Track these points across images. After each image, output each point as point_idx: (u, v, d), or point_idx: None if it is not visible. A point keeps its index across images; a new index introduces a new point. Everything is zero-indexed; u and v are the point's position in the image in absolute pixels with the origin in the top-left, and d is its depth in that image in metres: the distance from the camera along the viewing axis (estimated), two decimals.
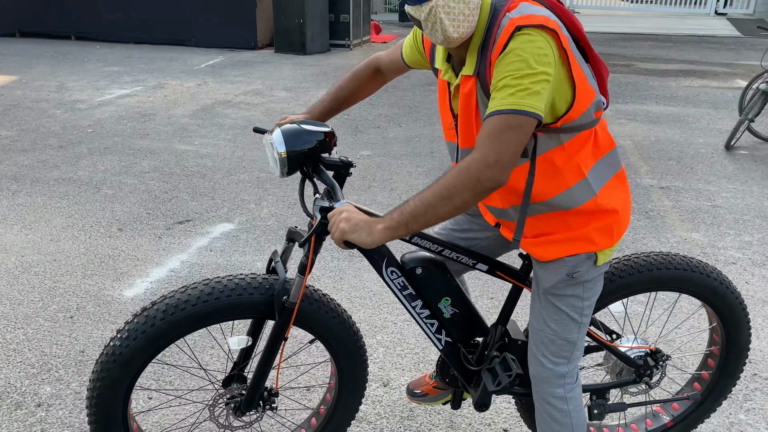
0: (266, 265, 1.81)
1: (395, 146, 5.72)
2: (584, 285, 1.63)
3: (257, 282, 1.70)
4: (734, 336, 1.99)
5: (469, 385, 1.91)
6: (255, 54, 10.96)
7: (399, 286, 1.74)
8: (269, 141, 1.64)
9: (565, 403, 1.75)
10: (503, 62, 1.35)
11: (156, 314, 1.64)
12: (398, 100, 7.56)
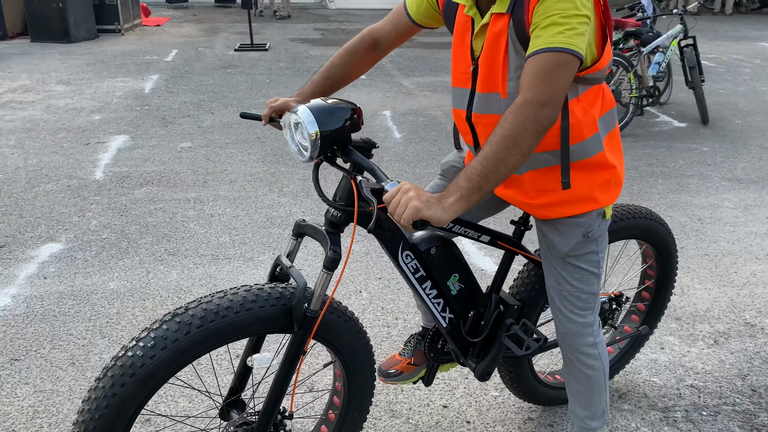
0: (270, 271, 1.63)
1: (216, 135, 5.34)
2: (597, 240, 1.69)
3: (276, 292, 1.51)
4: (667, 268, 2.26)
5: (465, 358, 1.90)
6: (7, 45, 9.42)
7: (413, 269, 1.67)
8: (292, 121, 1.45)
9: (596, 348, 1.82)
10: (549, 1, 1.32)
11: (190, 326, 1.40)
12: (199, 86, 7.07)
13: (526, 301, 1.94)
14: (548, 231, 1.70)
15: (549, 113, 1.33)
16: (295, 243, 1.63)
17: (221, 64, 8.37)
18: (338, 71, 1.74)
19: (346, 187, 1.53)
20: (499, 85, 1.50)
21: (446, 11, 1.62)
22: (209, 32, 11.19)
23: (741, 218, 3.98)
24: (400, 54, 9.38)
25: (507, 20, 1.43)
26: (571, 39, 1.32)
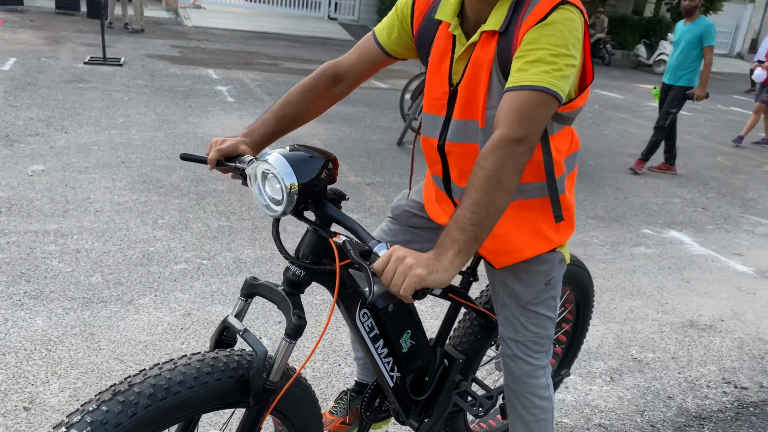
0: (214, 336, 1.42)
1: (72, 157, 4.77)
2: (555, 286, 1.67)
3: (232, 360, 1.31)
4: (585, 311, 2.32)
5: (407, 417, 1.77)
6: None
7: (368, 328, 1.55)
8: (260, 170, 1.28)
9: (548, 390, 1.78)
10: (543, 31, 1.28)
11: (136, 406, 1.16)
12: (46, 101, 6.34)
13: (469, 353, 1.87)
14: (510, 280, 1.66)
15: (525, 150, 1.28)
16: (244, 304, 1.44)
17: (70, 77, 7.60)
18: (293, 110, 1.57)
19: (311, 243, 1.38)
20: (478, 113, 1.43)
21: (422, 34, 1.52)
22: (52, 41, 10.17)
23: (610, 255, 4.28)
24: (268, 78, 9.17)
25: (497, 40, 1.37)
26: (557, 81, 1.28)
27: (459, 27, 1.44)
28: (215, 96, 7.61)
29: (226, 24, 15.43)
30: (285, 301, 1.37)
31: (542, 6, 1.30)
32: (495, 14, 1.37)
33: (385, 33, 1.58)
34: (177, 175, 4.67)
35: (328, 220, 1.36)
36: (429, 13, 1.50)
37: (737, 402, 2.80)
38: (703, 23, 6.11)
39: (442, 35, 1.47)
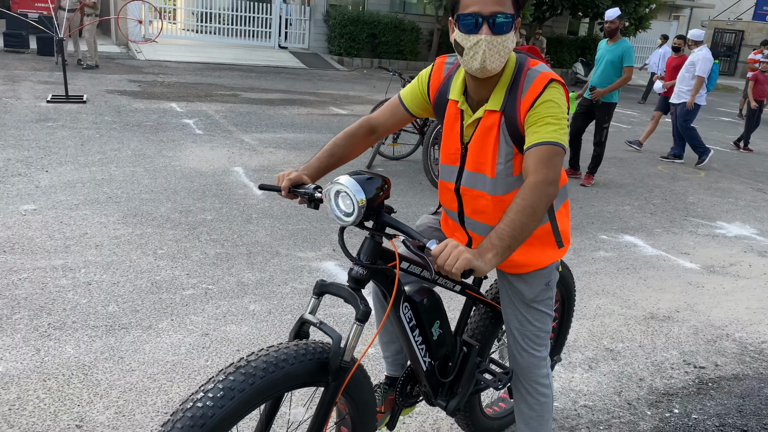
0: (293, 330, 1.73)
1: (60, 195, 4.93)
2: (552, 288, 2.06)
3: (317, 346, 1.64)
4: (569, 305, 2.67)
5: (435, 398, 2.12)
6: None
7: (408, 319, 1.89)
8: (333, 190, 1.63)
9: (548, 378, 2.14)
10: (543, 106, 1.70)
11: (254, 377, 1.48)
12: (19, 141, 6.44)
13: (482, 339, 2.23)
14: (516, 281, 2.03)
15: (554, 190, 1.67)
16: (316, 301, 1.75)
17: (36, 117, 7.67)
18: (340, 151, 1.98)
19: (370, 248, 1.72)
20: (487, 168, 1.83)
21: (437, 103, 1.94)
22: (8, 80, 10.16)
23: (574, 260, 4.71)
24: (231, 110, 9.40)
25: (499, 116, 1.78)
26: (562, 136, 1.70)
27: (465, 102, 1.85)
28: (184, 129, 7.81)
29: (179, 56, 15.57)
30: (352, 295, 1.69)
31: (536, 87, 1.72)
32: (494, 97, 1.77)
33: (409, 98, 2.00)
34: (165, 208, 4.89)
35: (383, 227, 1.69)
36: (441, 89, 1.92)
37: (698, 379, 3.22)
38: (623, 45, 6.70)
39: (452, 107, 1.89)
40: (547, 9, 19.20)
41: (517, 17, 1.72)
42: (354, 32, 17.99)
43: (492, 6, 1.67)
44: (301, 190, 1.80)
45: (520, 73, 1.77)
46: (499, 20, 1.66)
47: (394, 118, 2.03)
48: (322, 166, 1.94)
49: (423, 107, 2.00)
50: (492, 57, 1.69)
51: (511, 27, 1.70)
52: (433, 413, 2.71)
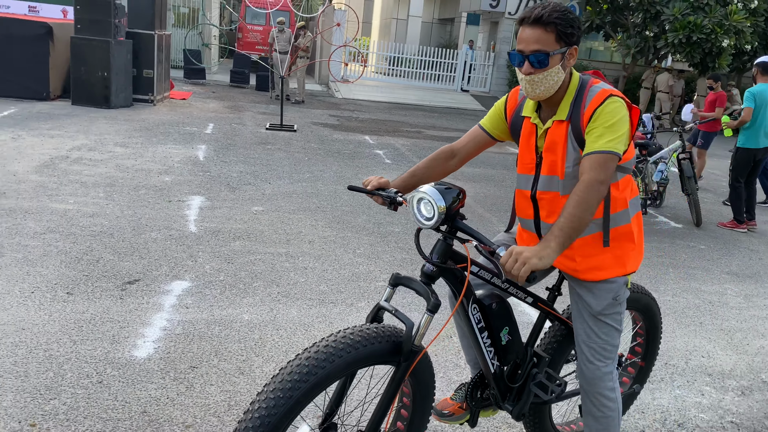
0: (371, 314, 1.96)
1: (281, 202, 6.01)
2: (621, 303, 2.19)
3: (391, 330, 1.88)
4: (654, 335, 2.76)
5: (503, 401, 2.28)
6: (51, 106, 10.09)
7: (477, 320, 2.07)
8: (417, 197, 1.87)
9: (614, 392, 2.24)
10: (602, 116, 1.93)
11: (351, 346, 1.75)
12: (247, 158, 7.78)
13: (553, 354, 2.37)
14: (585, 294, 2.17)
15: (604, 189, 1.89)
16: (391, 291, 1.97)
17: (258, 140, 9.14)
18: (421, 172, 2.26)
19: (441, 249, 1.93)
20: (558, 170, 2.06)
21: (514, 123, 2.21)
22: (234, 110, 12.05)
23: (744, 304, 4.76)
24: (415, 144, 10.30)
25: (566, 125, 2.02)
26: (617, 145, 1.92)
27: (537, 118, 2.10)
28: (375, 158, 8.82)
29: (371, 96, 17.12)
30: (423, 288, 1.90)
31: (596, 100, 1.96)
32: (561, 109, 2.03)
33: (488, 123, 2.26)
34: (361, 219, 5.75)
35: (456, 232, 1.90)
36: (516, 110, 2.19)
37: None
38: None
39: (527, 123, 2.14)
40: (748, 60, 18.18)
41: (568, 47, 1.95)
42: None
43: (533, 45, 1.93)
44: (383, 192, 2.06)
45: (583, 89, 2.02)
46: (536, 57, 1.92)
47: (474, 142, 2.27)
48: (404, 184, 2.21)
49: (501, 129, 2.24)
50: (534, 88, 1.97)
51: (549, 63, 1.93)
52: None
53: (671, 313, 4.41)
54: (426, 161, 2.28)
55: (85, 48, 10.08)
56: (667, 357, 3.72)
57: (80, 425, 2.49)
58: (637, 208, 2.21)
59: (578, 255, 2.13)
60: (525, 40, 1.95)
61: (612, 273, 2.14)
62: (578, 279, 2.17)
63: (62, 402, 2.62)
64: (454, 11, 25.91)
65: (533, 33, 1.93)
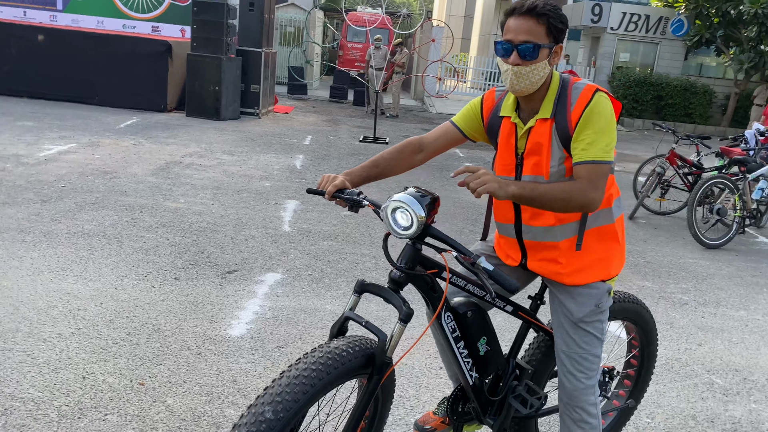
0: (336, 325, 1.85)
1: (368, 209, 6.31)
2: (603, 312, 2.09)
3: (364, 343, 1.79)
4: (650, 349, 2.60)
5: (484, 415, 2.16)
6: (168, 117, 11.02)
7: (451, 329, 1.96)
8: (392, 206, 1.76)
9: (596, 407, 2.13)
10: (593, 116, 1.85)
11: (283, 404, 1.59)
12: (340, 168, 8.18)
13: (537, 366, 2.26)
14: (566, 300, 2.07)
15: (596, 204, 1.85)
16: (357, 299, 1.87)
17: (352, 151, 9.56)
18: (384, 163, 2.09)
19: (408, 254, 1.82)
20: (543, 170, 1.95)
21: (491, 124, 2.07)
22: (331, 123, 12.62)
23: None
24: None
25: (550, 123, 1.92)
26: (608, 154, 1.87)
27: (517, 117, 1.99)
28: None
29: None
30: (393, 295, 1.80)
31: (584, 97, 1.88)
32: (544, 107, 1.93)
33: (462, 121, 2.12)
34: (445, 226, 5.95)
35: (425, 238, 1.79)
36: (493, 111, 2.07)
37: None
38: None
39: (506, 123, 2.02)
40: None
41: (555, 44, 1.89)
42: (638, 93, 17.91)
43: (523, 35, 1.85)
44: (344, 195, 1.91)
45: (566, 87, 1.93)
46: (526, 48, 1.85)
47: (444, 138, 2.12)
48: (364, 174, 2.04)
49: (476, 128, 2.11)
50: (519, 81, 1.87)
51: (538, 56, 1.85)
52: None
53: (758, 331, 4.28)
54: (390, 152, 2.11)
55: (199, 64, 10.95)
56: (747, 372, 3.65)
57: (180, 387, 2.85)
58: (621, 210, 2.12)
59: (563, 257, 2.03)
60: (515, 29, 1.87)
61: (595, 276, 2.05)
62: (561, 284, 2.08)
63: (166, 368, 3.00)
64: None
65: (525, 23, 1.86)
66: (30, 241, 4.42)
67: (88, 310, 3.50)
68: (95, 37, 11.41)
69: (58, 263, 4.09)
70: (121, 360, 3.03)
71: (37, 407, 2.60)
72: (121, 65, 11.32)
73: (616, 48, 19.27)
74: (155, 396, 2.77)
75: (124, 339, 3.22)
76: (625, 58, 19.55)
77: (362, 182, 2.05)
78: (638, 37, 19.21)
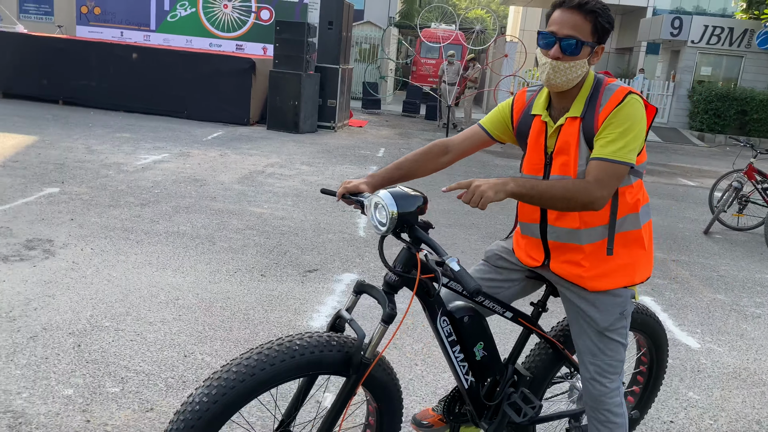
0: (330, 323, 1.88)
1: (438, 217, 6.56)
2: (627, 318, 2.06)
3: (341, 340, 1.78)
4: (659, 360, 2.55)
5: (480, 419, 2.15)
6: (250, 130, 11.64)
7: (447, 333, 1.97)
8: (373, 201, 1.78)
9: (622, 407, 2.11)
10: (619, 117, 1.81)
11: (247, 369, 1.64)
12: None
13: (537, 373, 2.24)
14: (589, 309, 2.02)
15: (600, 204, 1.81)
16: (354, 299, 1.89)
17: None
18: (408, 165, 2.09)
19: (404, 257, 1.83)
20: (571, 170, 1.91)
21: (521, 124, 2.04)
22: (403, 136, 12.95)
23: None
24: None
25: (579, 122, 1.89)
26: (629, 154, 1.81)
27: (548, 115, 1.96)
28: None
29: None
30: (383, 297, 1.80)
31: (615, 98, 1.84)
32: (575, 106, 1.90)
33: (490, 124, 2.11)
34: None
35: (418, 241, 1.78)
36: (524, 111, 2.04)
37: None
38: None
39: (536, 122, 1.99)
40: None
41: (597, 44, 1.85)
42: (720, 108, 17.37)
43: (567, 30, 1.81)
44: (353, 197, 1.96)
45: (599, 87, 1.90)
46: (569, 43, 1.81)
47: (471, 140, 2.11)
48: (387, 176, 2.04)
49: (504, 131, 2.09)
50: (556, 76, 1.85)
51: (580, 52, 1.82)
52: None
53: None
54: (416, 154, 2.11)
55: (280, 80, 11.54)
56: None
57: None
58: (649, 216, 2.07)
59: (587, 260, 1.99)
60: (560, 22, 1.84)
61: (619, 282, 2.00)
62: (582, 289, 2.03)
63: None
64: (633, 40, 25.13)
65: (571, 17, 1.83)
66: (133, 239, 4.91)
67: (186, 299, 3.89)
68: (184, 56, 12.24)
69: (158, 259, 4.54)
70: (216, 343, 3.38)
71: (148, 378, 2.97)
72: (207, 81, 12.07)
73: (697, 62, 18.75)
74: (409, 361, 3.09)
75: (218, 325, 3.58)
76: (707, 71, 18.99)
77: (384, 184, 2.03)
78: (721, 51, 18.63)
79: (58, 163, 7.28)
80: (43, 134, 8.99)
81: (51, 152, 7.83)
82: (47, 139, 8.69)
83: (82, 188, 6.27)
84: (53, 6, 16.32)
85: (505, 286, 2.19)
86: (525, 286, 2.22)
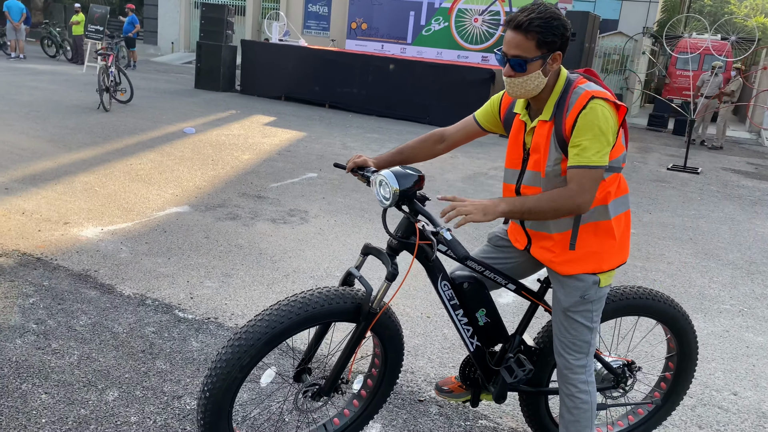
0: (342, 278, 2.19)
1: (654, 228, 6.54)
2: (592, 302, 2.19)
3: (353, 292, 2.10)
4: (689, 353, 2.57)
5: (488, 383, 2.37)
6: (485, 137, 12.37)
7: (448, 296, 2.20)
8: (378, 179, 2.07)
9: (587, 386, 2.27)
10: (585, 125, 1.94)
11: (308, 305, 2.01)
12: (634, 192, 8.38)
13: (544, 347, 2.40)
14: (557, 288, 2.22)
15: (585, 208, 1.97)
16: (362, 259, 2.20)
17: (653, 177, 9.58)
18: (408, 151, 2.38)
19: (404, 226, 2.12)
20: (541, 167, 2.09)
21: (506, 118, 2.25)
22: (642, 150, 12.54)
23: None
24: None
25: (550, 126, 2.05)
26: (601, 158, 1.95)
27: (527, 115, 2.14)
28: None
29: None
30: (386, 258, 2.08)
31: (579, 103, 1.96)
32: (546, 109, 2.06)
33: (481, 116, 2.32)
34: (733, 255, 5.88)
35: (416, 212, 2.05)
36: (509, 107, 2.22)
37: None
38: None
39: (517, 120, 2.17)
40: None
41: (550, 53, 1.97)
42: None
43: (513, 50, 1.97)
44: (361, 172, 2.25)
45: (568, 90, 2.02)
46: (516, 62, 1.97)
47: (464, 131, 2.34)
48: (390, 159, 2.33)
49: (493, 123, 2.29)
50: (513, 90, 2.03)
51: (527, 69, 1.97)
52: None
53: None
54: (415, 142, 2.38)
55: None
56: None
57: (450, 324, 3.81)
58: (625, 207, 2.19)
59: (557, 247, 2.18)
60: (508, 42, 2.00)
61: (585, 268, 2.14)
62: (554, 272, 2.22)
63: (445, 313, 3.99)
64: None
65: (515, 37, 1.97)
66: (367, 218, 5.92)
67: None
68: (433, 66, 13.41)
69: (384, 234, 5.46)
70: (416, 300, 4.12)
71: None
72: (451, 90, 13.09)
73: None
74: (436, 325, 3.79)
75: (422, 288, 4.33)
76: None
77: (387, 166, 2.32)
78: None
79: (318, 154, 8.78)
80: (311, 131, 10.76)
81: (315, 146, 9.41)
82: (313, 135, 10.40)
83: (334, 175, 7.56)
84: (330, 22, 18.94)
85: (509, 262, 2.41)
86: (526, 263, 2.39)
